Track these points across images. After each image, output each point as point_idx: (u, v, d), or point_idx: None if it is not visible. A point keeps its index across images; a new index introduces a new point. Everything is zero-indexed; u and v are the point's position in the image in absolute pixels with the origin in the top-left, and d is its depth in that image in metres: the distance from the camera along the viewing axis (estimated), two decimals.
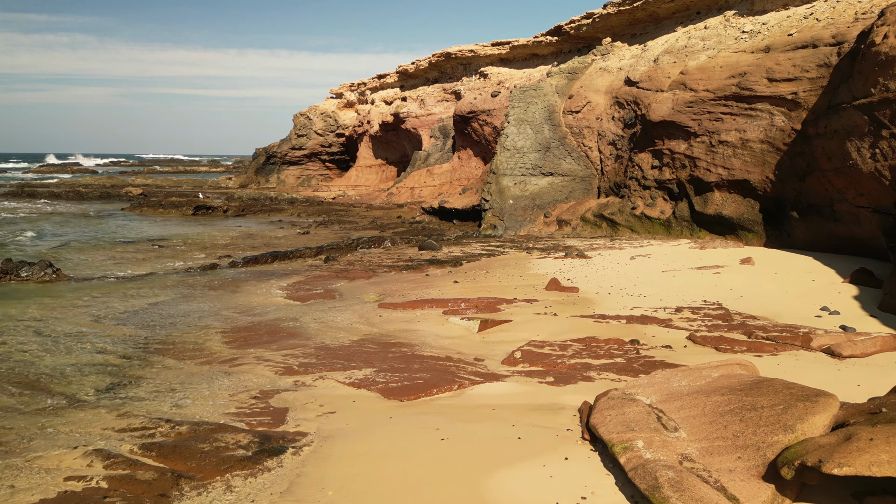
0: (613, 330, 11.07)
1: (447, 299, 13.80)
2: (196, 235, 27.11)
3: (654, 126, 22.13)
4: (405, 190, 41.47)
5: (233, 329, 11.83)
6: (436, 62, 44.96)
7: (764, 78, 18.74)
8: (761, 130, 18.85)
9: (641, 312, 12.05)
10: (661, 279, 14.97)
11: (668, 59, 23.21)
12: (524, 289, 14.81)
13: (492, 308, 13.00)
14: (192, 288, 15.72)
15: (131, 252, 22.01)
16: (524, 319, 11.98)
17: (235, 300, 14.30)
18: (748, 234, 19.03)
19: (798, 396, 5.88)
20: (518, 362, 9.71)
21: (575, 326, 11.37)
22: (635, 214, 22.51)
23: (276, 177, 62.64)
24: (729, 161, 19.54)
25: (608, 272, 16.29)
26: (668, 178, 21.71)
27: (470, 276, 16.93)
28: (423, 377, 8.91)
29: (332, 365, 9.67)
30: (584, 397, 7.70)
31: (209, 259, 20.91)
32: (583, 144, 25.88)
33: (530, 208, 25.70)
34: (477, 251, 21.03)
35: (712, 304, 12.39)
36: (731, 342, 10.00)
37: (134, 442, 6.98)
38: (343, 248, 21.24)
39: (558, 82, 27.43)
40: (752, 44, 20.50)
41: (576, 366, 9.31)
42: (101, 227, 29.32)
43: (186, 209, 36.17)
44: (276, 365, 9.76)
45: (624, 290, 14.02)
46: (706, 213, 20.19)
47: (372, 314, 12.95)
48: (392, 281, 16.67)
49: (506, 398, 7.94)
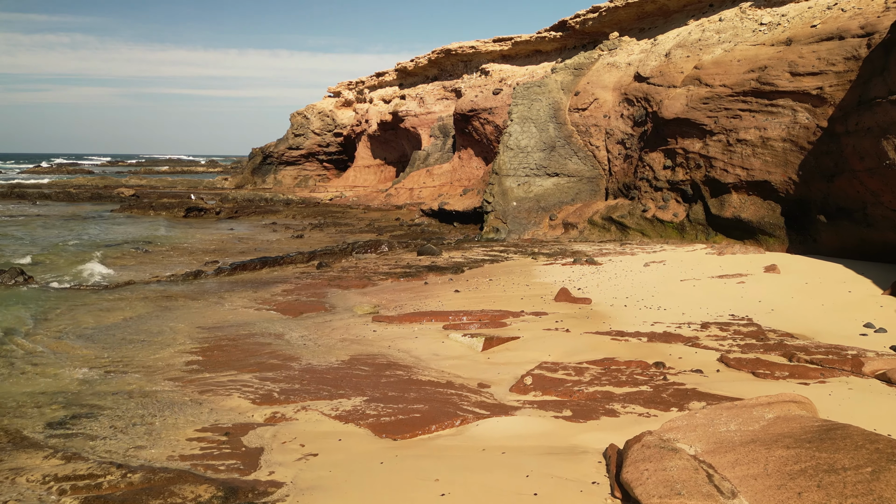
0: (634, 349, 9.92)
1: (448, 312, 12.64)
2: (184, 239, 25.92)
3: (666, 124, 20.90)
4: (404, 191, 40.27)
5: (211, 348, 10.71)
6: (435, 59, 43.69)
7: (786, 72, 17.53)
8: (783, 128, 17.64)
9: (663, 328, 10.88)
10: (680, 289, 13.79)
11: (680, 54, 21.97)
12: (531, 300, 13.65)
13: (497, 322, 11.84)
14: (172, 299, 14.55)
15: (113, 257, 20.83)
16: (533, 336, 10.84)
17: (217, 314, 13.12)
18: (769, 239, 17.81)
19: (889, 455, 4.73)
20: (529, 390, 8.55)
21: (590, 345, 10.23)
22: (646, 217, 21.29)
23: (272, 177, 61.48)
24: (748, 161, 18.33)
25: (622, 281, 15.11)
26: (682, 178, 20.49)
27: (472, 284, 15.77)
28: (420, 409, 7.75)
29: (318, 392, 8.54)
30: (609, 437, 6.58)
31: (195, 265, 19.75)
32: (590, 143, 24.67)
33: (535, 210, 24.50)
34: (479, 256, 19.84)
35: (741, 319, 11.21)
36: (770, 366, 8.83)
37: (75, 497, 5.86)
38: (337, 254, 20.04)
39: (564, 78, 26.20)
40: (771, 36, 19.28)
41: (595, 395, 8.15)
42: (86, 230, 28.09)
43: (178, 211, 34.99)
44: (254, 392, 8.65)
45: (641, 302, 12.85)
46: (723, 217, 18.97)
47: (365, 329, 11.82)
48: (388, 290, 15.51)
49: (517, 438, 6.79)
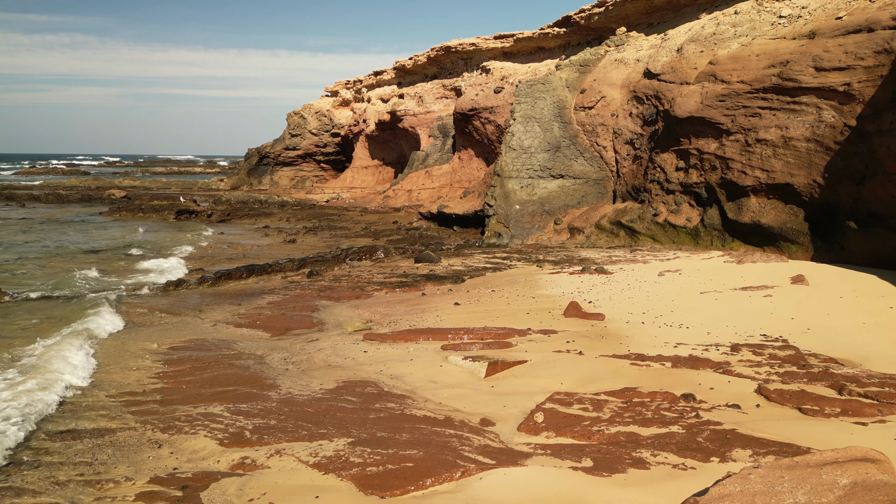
0: (657, 377, 8.74)
1: (447, 329, 11.45)
2: (170, 244, 24.72)
3: (679, 123, 19.69)
4: (402, 193, 39.05)
5: (183, 372, 9.57)
6: (435, 57, 42.45)
7: (810, 67, 16.32)
8: (807, 127, 16.43)
9: (689, 351, 9.68)
10: (701, 303, 12.59)
11: (693, 49, 20.77)
12: (538, 314, 12.46)
13: (501, 342, 10.66)
14: (147, 313, 13.37)
15: (92, 263, 19.63)
16: (542, 359, 9.66)
17: (195, 331, 11.93)
18: (791, 247, 16.60)
19: None
20: (540, 429, 7.36)
21: (607, 371, 9.05)
22: (657, 222, 20.08)
23: (269, 178, 60.27)
24: (768, 162, 17.12)
25: (636, 292, 13.92)
26: (696, 181, 19.28)
27: (473, 295, 14.58)
28: (413, 455, 6.59)
29: (296, 431, 7.38)
30: (639, 497, 5.44)
31: (179, 272, 18.56)
32: (596, 143, 23.47)
33: (539, 214, 23.30)
34: (480, 264, 18.65)
35: (775, 341, 10.01)
36: (818, 400, 7.64)
37: None
38: (329, 261, 18.83)
39: (569, 76, 25.00)
40: (792, 29, 18.08)
41: (618, 437, 6.97)
42: (69, 235, 26.88)
43: (168, 213, 33.79)
44: (223, 429, 7.51)
45: (660, 318, 11.66)
46: (741, 222, 17.75)
47: (355, 350, 10.66)
48: (382, 302, 14.33)
49: (529, 502, 5.61)
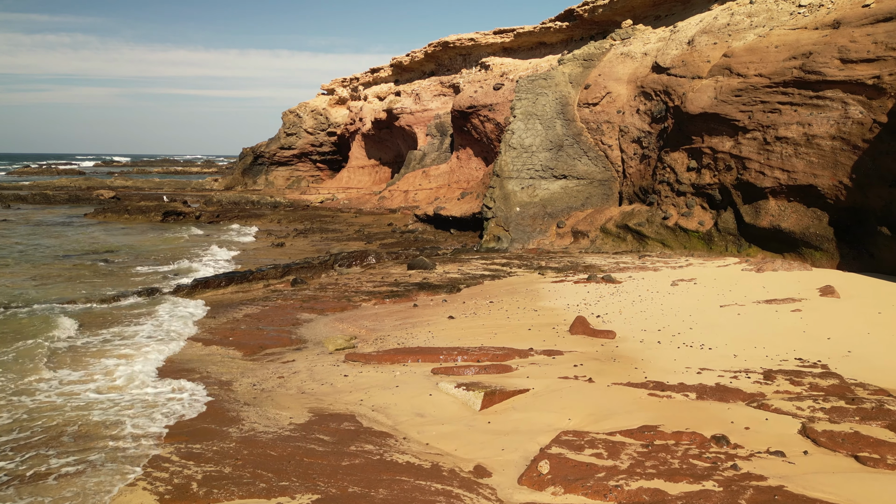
0: (681, 411, 7.47)
1: (439, 349, 10.19)
2: (152, 247, 23.45)
3: (690, 119, 18.42)
4: (398, 193, 37.76)
5: None
6: (432, 53, 41.14)
7: (835, 59, 15.06)
8: (832, 124, 15.17)
9: (715, 378, 8.41)
10: (723, 319, 11.32)
11: (706, 41, 19.48)
12: (541, 330, 11.20)
13: (499, 365, 9.40)
14: (108, 324, 12.09)
15: (64, 269, 18.36)
16: (547, 387, 8.40)
17: (152, 354, 10.65)
18: (814, 253, 15.32)
19: None
20: (546, 482, 6.10)
21: (622, 403, 7.78)
22: (667, 226, 18.80)
23: (263, 178, 58.98)
24: (789, 162, 15.85)
25: (648, 305, 12.65)
26: (709, 182, 18.01)
27: (469, 307, 13.32)
28: None
29: (253, 483, 6.15)
30: None
31: (155, 279, 17.30)
32: (601, 142, 22.20)
33: (540, 217, 22.02)
34: (478, 271, 17.37)
35: (814, 366, 8.73)
36: (877, 446, 6.39)
37: None
38: (316, 267, 17.55)
39: (572, 70, 23.72)
40: (814, 18, 16.81)
41: (641, 496, 5.70)
42: (46, 238, 25.60)
43: (154, 215, 32.52)
44: (167, 479, 6.30)
45: (678, 337, 10.39)
46: (758, 226, 16.47)
47: (334, 374, 9.41)
48: (370, 315, 13.06)
49: None
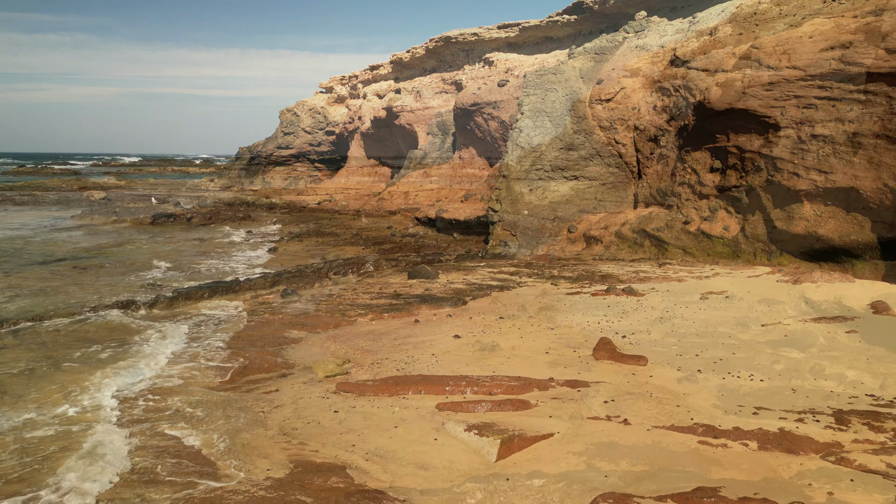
0: (742, 466, 6.09)
1: (444, 378, 8.79)
2: (136, 253, 22.05)
3: (714, 116, 17.02)
4: (398, 195, 36.36)
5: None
6: (434, 48, 39.73)
7: (879, 49, 13.67)
8: (875, 120, 13.78)
9: (777, 422, 6.98)
10: (770, 343, 9.91)
11: (730, 31, 18.09)
12: (561, 354, 9.80)
13: (515, 399, 7.98)
14: (66, 346, 10.69)
15: (35, 278, 16.97)
16: (574, 431, 7.02)
17: (115, 381, 9.25)
18: (856, 263, 13.93)
19: None
20: None
21: (670, 454, 6.38)
22: (689, 231, 17.40)
23: (261, 178, 57.57)
24: (826, 162, 14.46)
25: (678, 322, 11.25)
26: (735, 183, 16.61)
27: (477, 324, 11.92)
28: None
29: None
30: None
31: (132, 289, 15.92)
32: (615, 141, 20.80)
33: (550, 221, 20.62)
34: (485, 280, 15.98)
35: (890, 405, 7.33)
36: None
37: None
38: (309, 276, 16.16)
39: (583, 65, 22.33)
40: (852, 6, 15.43)
41: None
42: (23, 242, 24.19)
43: (144, 217, 31.12)
44: None
45: (719, 364, 8.98)
46: (791, 232, 15.08)
47: (322, 408, 8.03)
48: (366, 333, 11.67)
49: None
